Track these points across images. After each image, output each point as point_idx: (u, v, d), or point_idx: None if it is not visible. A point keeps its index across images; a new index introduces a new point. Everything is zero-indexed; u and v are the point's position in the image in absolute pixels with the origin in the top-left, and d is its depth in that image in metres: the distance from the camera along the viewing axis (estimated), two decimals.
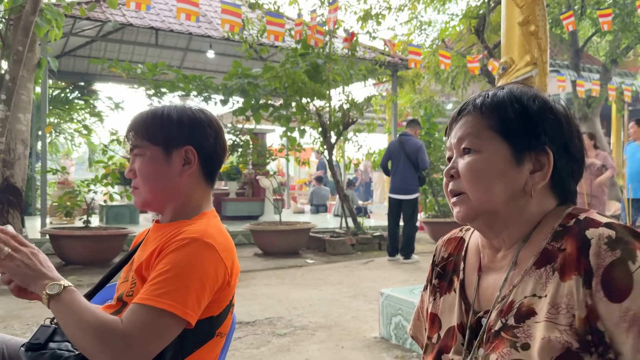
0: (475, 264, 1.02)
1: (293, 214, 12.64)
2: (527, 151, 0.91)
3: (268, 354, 3.27)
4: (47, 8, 5.64)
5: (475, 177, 0.92)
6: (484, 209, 0.92)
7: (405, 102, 13.13)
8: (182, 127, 1.29)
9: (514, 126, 0.92)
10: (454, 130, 0.99)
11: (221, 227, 1.30)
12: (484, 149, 0.92)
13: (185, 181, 1.30)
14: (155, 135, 1.29)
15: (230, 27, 7.12)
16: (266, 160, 8.26)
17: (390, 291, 3.60)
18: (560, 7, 10.79)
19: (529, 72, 3.02)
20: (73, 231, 6.44)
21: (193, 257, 1.15)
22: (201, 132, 1.31)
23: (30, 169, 10.19)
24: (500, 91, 0.96)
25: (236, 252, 1.31)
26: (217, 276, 1.18)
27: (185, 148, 1.29)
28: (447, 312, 1.02)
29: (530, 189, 0.91)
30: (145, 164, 1.29)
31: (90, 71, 12.62)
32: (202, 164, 1.32)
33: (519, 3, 3.05)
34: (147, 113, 1.33)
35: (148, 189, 1.29)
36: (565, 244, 0.85)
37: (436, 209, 9.49)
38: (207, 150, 1.32)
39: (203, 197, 1.35)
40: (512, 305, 0.88)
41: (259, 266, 6.56)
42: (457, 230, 1.13)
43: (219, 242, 1.21)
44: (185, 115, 1.31)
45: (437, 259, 1.11)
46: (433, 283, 1.09)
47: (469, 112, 0.96)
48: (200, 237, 1.18)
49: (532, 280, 0.87)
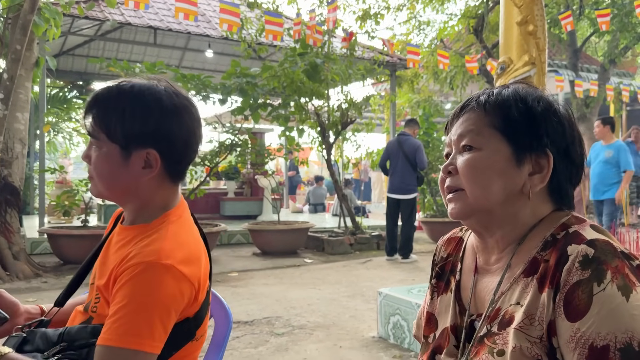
0: (471, 265, 1.01)
1: (291, 214, 12.64)
2: (528, 152, 0.90)
3: (266, 354, 3.27)
4: (45, 7, 5.63)
5: (474, 174, 0.91)
6: (480, 206, 0.91)
7: (404, 101, 13.13)
8: (146, 124, 1.11)
9: (517, 126, 0.90)
10: (454, 127, 0.97)
11: (182, 232, 1.15)
12: (484, 147, 0.91)
13: (144, 184, 1.14)
14: (114, 131, 1.11)
15: (228, 26, 7.12)
16: (264, 159, 8.26)
17: (388, 291, 3.60)
18: (558, 7, 10.80)
19: (527, 71, 3.02)
20: (71, 230, 6.43)
21: (151, 285, 1.03)
22: (169, 130, 1.13)
23: (29, 168, 10.18)
24: (505, 90, 0.95)
25: (206, 252, 1.19)
26: (183, 297, 1.08)
27: (146, 151, 1.12)
28: (444, 312, 1.02)
29: (528, 190, 0.90)
30: (100, 160, 1.14)
31: (88, 70, 12.60)
32: (166, 167, 1.15)
33: (518, 3, 3.05)
34: (110, 97, 1.14)
35: (102, 184, 1.16)
36: (550, 255, 0.85)
37: (434, 208, 9.50)
38: (175, 151, 1.15)
39: (167, 197, 1.19)
40: (499, 313, 0.88)
41: (258, 266, 6.56)
42: (457, 230, 1.12)
43: (179, 258, 1.08)
44: (155, 107, 1.12)
45: (436, 258, 1.11)
46: (431, 282, 1.09)
47: (471, 109, 0.95)
48: (156, 260, 1.05)
49: (518, 288, 0.87)
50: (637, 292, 0.77)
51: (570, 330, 0.78)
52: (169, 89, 1.15)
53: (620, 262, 0.79)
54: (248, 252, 7.70)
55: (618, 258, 0.79)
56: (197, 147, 1.19)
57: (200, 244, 1.18)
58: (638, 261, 0.81)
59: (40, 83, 7.57)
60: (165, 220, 1.15)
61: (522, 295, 0.85)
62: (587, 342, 0.76)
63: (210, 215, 10.44)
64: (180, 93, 1.17)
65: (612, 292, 0.76)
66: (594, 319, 0.76)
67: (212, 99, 7.03)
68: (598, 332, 0.75)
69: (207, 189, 9.23)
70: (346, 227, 8.23)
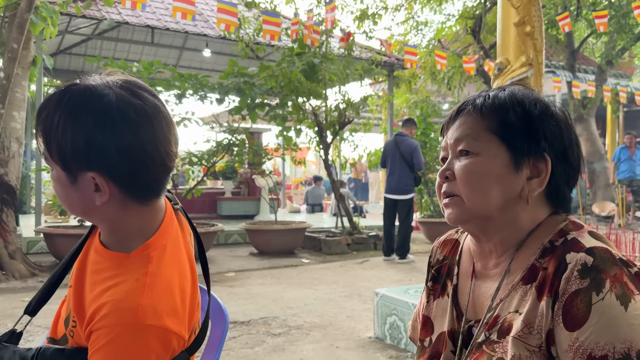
0: (468, 269, 1.00)
1: (289, 214, 12.63)
2: (526, 156, 0.89)
3: (262, 354, 3.27)
4: (42, 5, 5.61)
5: (472, 181, 0.89)
6: (478, 212, 0.90)
7: (402, 102, 13.14)
8: (78, 142, 0.90)
9: (515, 130, 0.89)
10: (450, 130, 0.95)
11: (165, 272, 0.96)
12: (482, 152, 0.90)
13: (104, 209, 0.96)
14: (53, 151, 0.93)
15: (226, 26, 7.11)
16: (262, 159, 8.26)
17: (385, 291, 3.60)
18: (556, 8, 10.82)
19: (524, 72, 3.03)
20: (67, 230, 6.41)
21: (131, 352, 0.89)
22: (111, 146, 0.90)
23: (25, 167, 10.15)
24: (502, 93, 0.93)
25: (193, 280, 1.03)
26: (169, 352, 0.93)
27: (90, 174, 0.92)
28: (440, 316, 1.01)
29: (527, 195, 0.89)
30: (54, 181, 0.98)
31: (85, 69, 12.57)
32: (122, 188, 0.94)
33: (515, 4, 3.05)
34: (50, 107, 0.93)
35: (65, 206, 1.01)
36: (548, 262, 0.84)
37: (432, 209, 9.51)
38: (125, 170, 0.93)
39: (141, 220, 0.99)
40: (497, 320, 0.87)
41: (254, 265, 6.56)
42: (452, 232, 1.11)
43: (163, 312, 0.91)
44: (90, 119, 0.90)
45: (432, 260, 1.09)
46: (428, 285, 1.07)
47: (468, 113, 0.93)
48: (133, 319, 0.88)
49: (517, 296, 0.86)
50: (635, 302, 0.76)
51: (569, 340, 0.78)
52: (122, 88, 0.94)
53: (619, 270, 0.78)
54: (245, 252, 7.70)
55: (617, 266, 0.79)
56: (165, 156, 0.97)
57: (186, 277, 1.00)
58: (636, 268, 0.80)
59: (37, 82, 7.54)
60: (145, 256, 0.96)
61: (521, 303, 0.85)
62: (585, 351, 0.76)
63: (208, 214, 10.43)
64: (137, 92, 0.95)
65: (610, 302, 0.76)
66: (592, 329, 0.76)
67: (210, 98, 7.02)
68: (597, 342, 0.75)
69: (204, 189, 9.22)
70: (343, 227, 8.23)
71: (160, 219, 1.02)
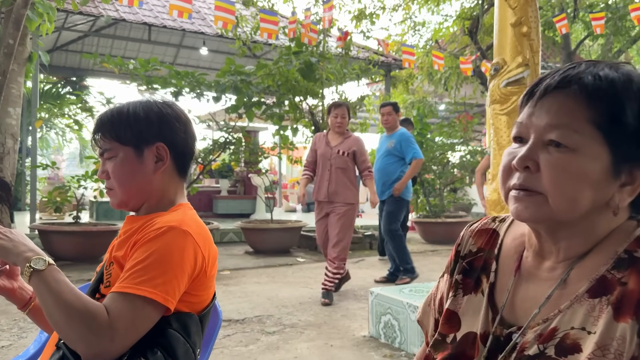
0: (511, 266, 0.86)
1: (285, 213, 12.63)
2: (628, 162, 0.74)
3: (257, 352, 3.27)
4: (38, 1, 5.59)
5: (565, 182, 0.73)
6: (560, 217, 0.76)
7: (399, 102, 13.15)
8: (150, 124, 1.27)
9: (626, 132, 0.72)
10: (537, 108, 0.77)
11: (197, 217, 1.30)
12: (580, 149, 0.73)
13: (159, 178, 1.29)
14: (125, 135, 1.26)
15: (223, 24, 7.09)
16: (258, 158, 8.25)
17: (379, 290, 3.61)
18: (553, 10, 10.86)
19: (520, 73, 3.03)
20: (63, 227, 6.40)
21: (171, 244, 1.15)
22: (170, 127, 1.29)
23: (20, 164, 10.11)
24: (615, 74, 0.74)
25: (217, 249, 1.31)
26: (196, 263, 1.18)
27: (156, 145, 1.27)
28: (470, 314, 0.87)
29: (616, 205, 0.75)
30: (118, 166, 1.26)
31: (82, 66, 12.55)
32: (174, 159, 1.30)
33: (512, 4, 3.06)
34: (113, 113, 1.28)
35: (123, 190, 1.28)
36: (629, 277, 0.71)
37: (427, 209, 9.51)
38: (179, 145, 1.30)
39: (177, 191, 1.34)
40: (555, 333, 0.74)
41: (250, 264, 6.55)
42: (489, 221, 0.95)
43: (196, 230, 1.21)
44: (152, 111, 1.28)
45: (463, 251, 0.94)
46: (456, 278, 0.92)
47: (570, 93, 0.74)
48: (177, 225, 1.18)
49: (582, 310, 0.73)
50: None
51: None
52: (160, 101, 1.32)
53: None
54: (240, 250, 7.69)
55: None
56: (193, 145, 1.35)
57: (209, 232, 1.29)
58: None
59: (33, 78, 7.52)
60: (181, 207, 1.30)
61: (588, 319, 0.72)
62: None
63: (203, 213, 10.42)
64: (171, 102, 1.33)
65: None
66: None
67: (206, 96, 7.01)
68: None
69: (200, 187, 9.21)
70: None
71: (185, 196, 1.37)
